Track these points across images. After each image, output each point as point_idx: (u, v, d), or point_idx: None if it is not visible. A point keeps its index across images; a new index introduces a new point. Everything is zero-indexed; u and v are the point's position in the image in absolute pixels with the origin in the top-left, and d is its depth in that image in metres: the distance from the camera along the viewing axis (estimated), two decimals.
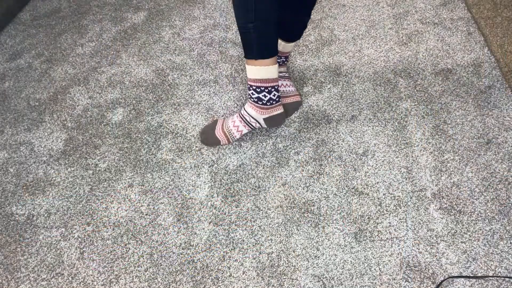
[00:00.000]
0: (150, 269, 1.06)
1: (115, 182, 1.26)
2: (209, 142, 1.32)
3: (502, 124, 1.30)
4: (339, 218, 1.12)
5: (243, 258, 1.06)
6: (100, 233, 1.14)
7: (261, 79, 1.16)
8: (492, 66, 1.47)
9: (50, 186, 1.27)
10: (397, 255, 1.04)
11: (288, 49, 1.37)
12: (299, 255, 1.06)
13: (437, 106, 1.37)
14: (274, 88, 1.20)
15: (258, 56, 1.11)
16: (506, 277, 0.98)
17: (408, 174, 1.20)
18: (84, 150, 1.36)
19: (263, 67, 1.13)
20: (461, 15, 1.69)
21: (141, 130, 1.41)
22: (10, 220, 1.19)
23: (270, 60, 1.13)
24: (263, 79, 1.16)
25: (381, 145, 1.28)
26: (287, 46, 1.35)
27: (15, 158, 1.36)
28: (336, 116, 1.37)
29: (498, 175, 1.17)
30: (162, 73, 1.60)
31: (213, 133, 1.31)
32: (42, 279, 1.06)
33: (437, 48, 1.56)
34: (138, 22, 1.87)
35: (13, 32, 1.89)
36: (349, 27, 1.70)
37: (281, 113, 1.27)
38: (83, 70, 1.66)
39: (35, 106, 1.53)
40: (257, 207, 1.16)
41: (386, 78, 1.48)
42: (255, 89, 1.19)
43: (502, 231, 1.06)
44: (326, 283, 1.00)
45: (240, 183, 1.22)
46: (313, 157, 1.27)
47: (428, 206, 1.12)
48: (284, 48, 1.36)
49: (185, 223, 1.15)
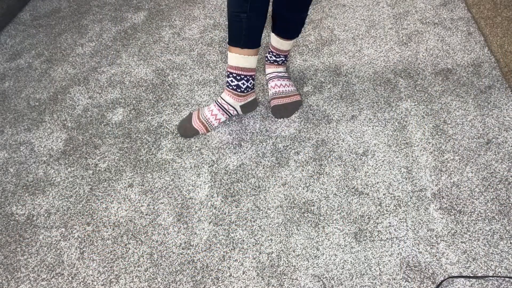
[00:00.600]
0: (150, 269, 1.06)
1: (115, 182, 1.26)
2: (187, 134, 1.34)
3: (502, 124, 1.30)
4: (339, 218, 1.12)
5: (243, 258, 1.06)
6: (100, 233, 1.14)
7: (242, 68, 1.18)
8: (492, 66, 1.47)
9: (50, 186, 1.27)
10: (397, 255, 1.04)
11: (286, 47, 1.37)
12: (299, 255, 1.06)
13: (437, 106, 1.37)
14: (252, 77, 1.23)
15: (245, 45, 1.14)
16: (506, 277, 0.98)
17: (408, 174, 1.20)
18: (84, 150, 1.36)
19: (246, 56, 1.16)
20: (461, 15, 1.69)
21: (141, 130, 1.41)
22: (10, 220, 1.19)
23: (254, 51, 1.17)
24: (245, 68, 1.19)
25: (381, 145, 1.28)
26: (285, 44, 1.35)
27: (15, 158, 1.36)
28: (336, 116, 1.37)
29: (498, 175, 1.17)
30: (162, 73, 1.60)
31: (190, 125, 1.33)
32: (42, 279, 1.06)
33: (437, 48, 1.56)
34: (138, 22, 1.87)
35: (13, 32, 1.89)
36: (349, 27, 1.70)
37: (255, 99, 1.32)
38: (83, 70, 1.66)
39: (35, 106, 1.53)
40: (257, 207, 1.16)
41: (386, 78, 1.48)
42: (235, 77, 1.21)
43: (502, 231, 1.06)
44: (326, 283, 1.00)
45: (240, 183, 1.22)
46: (313, 157, 1.27)
47: (428, 206, 1.12)
48: (282, 46, 1.36)
49: (185, 223, 1.15)
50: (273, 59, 1.43)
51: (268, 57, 1.45)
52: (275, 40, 1.35)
